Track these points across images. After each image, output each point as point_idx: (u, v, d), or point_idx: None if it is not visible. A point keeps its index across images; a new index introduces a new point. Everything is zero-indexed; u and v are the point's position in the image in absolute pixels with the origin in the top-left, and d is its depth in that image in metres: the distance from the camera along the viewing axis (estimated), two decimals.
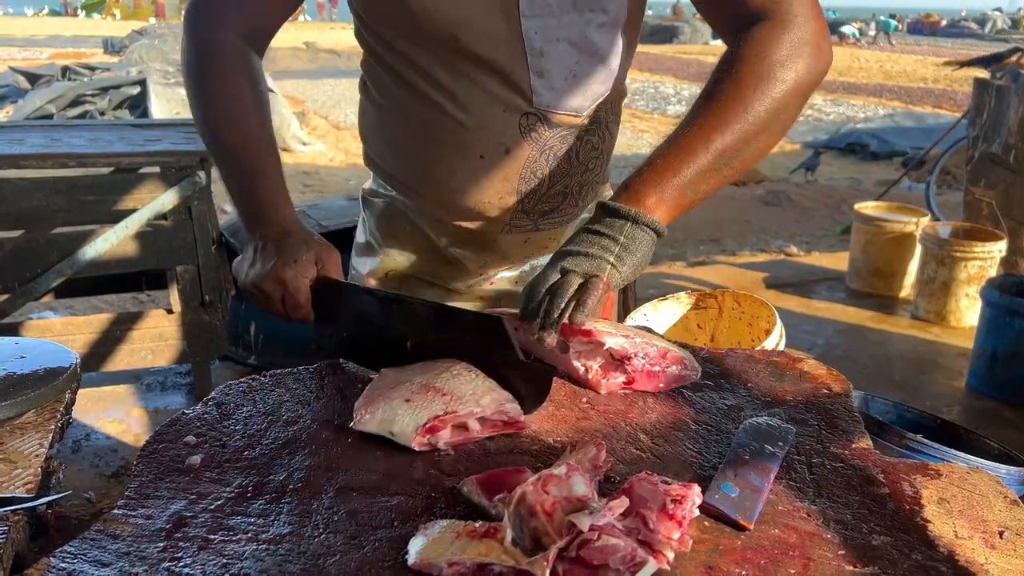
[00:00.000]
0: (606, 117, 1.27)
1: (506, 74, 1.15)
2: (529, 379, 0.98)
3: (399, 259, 1.36)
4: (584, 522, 0.71)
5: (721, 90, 1.05)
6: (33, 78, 11.17)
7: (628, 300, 3.60)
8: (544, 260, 1.34)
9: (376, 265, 1.37)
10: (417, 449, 0.89)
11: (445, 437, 0.91)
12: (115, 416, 3.15)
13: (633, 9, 1.19)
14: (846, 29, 27.82)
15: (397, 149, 1.28)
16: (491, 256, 1.33)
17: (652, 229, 1.02)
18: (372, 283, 1.36)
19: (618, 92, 1.28)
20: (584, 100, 1.21)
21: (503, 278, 1.36)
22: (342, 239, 1.48)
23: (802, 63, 1.05)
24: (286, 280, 1.09)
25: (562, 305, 0.98)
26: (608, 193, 1.41)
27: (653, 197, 1.02)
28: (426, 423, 0.89)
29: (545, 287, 1.01)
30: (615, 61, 1.21)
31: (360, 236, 1.42)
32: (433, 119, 1.20)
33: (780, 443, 0.91)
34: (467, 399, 0.92)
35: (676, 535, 0.74)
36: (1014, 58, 6.53)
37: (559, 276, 1.01)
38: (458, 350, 1.01)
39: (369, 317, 1.09)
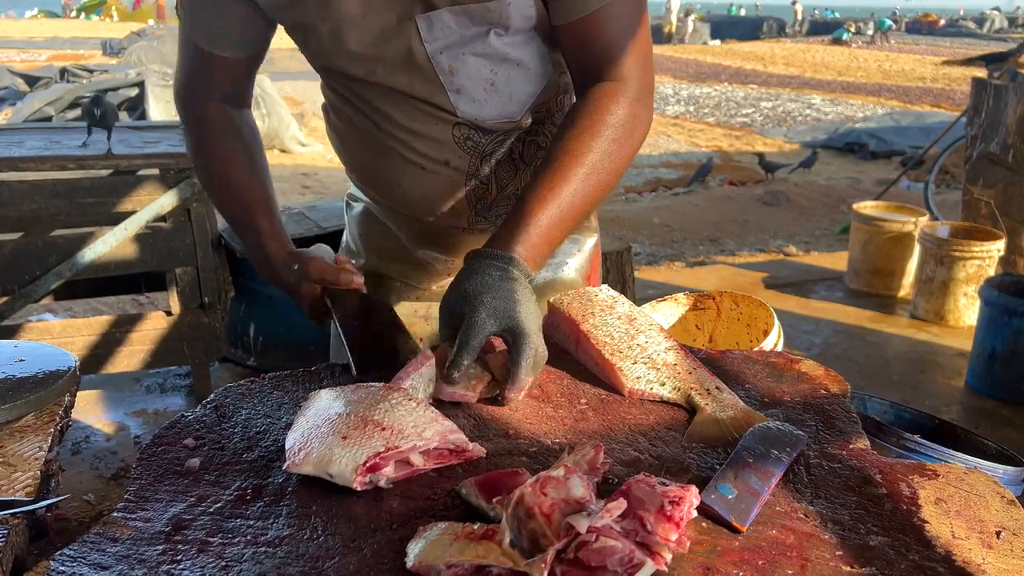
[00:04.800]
0: (550, 116, 1.28)
1: (426, 98, 1.18)
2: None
3: (375, 261, 1.40)
4: (582, 523, 0.71)
5: (567, 145, 1.14)
6: (31, 80, 11.17)
7: None
8: None
9: (358, 266, 1.41)
10: (359, 489, 0.83)
11: (388, 474, 0.85)
12: (115, 418, 3.15)
13: (543, 18, 1.18)
14: (841, 35, 27.89)
15: (355, 165, 1.34)
16: (458, 257, 1.35)
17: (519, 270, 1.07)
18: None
19: (560, 88, 1.28)
20: (514, 106, 1.21)
21: None
22: (340, 240, 1.49)
23: (635, 114, 1.17)
24: (314, 316, 1.21)
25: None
26: None
27: (514, 248, 1.07)
28: (366, 462, 0.82)
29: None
30: (535, 63, 1.21)
31: (344, 238, 1.48)
32: (375, 136, 1.25)
33: (788, 449, 0.91)
34: (408, 432, 0.87)
35: (674, 536, 0.74)
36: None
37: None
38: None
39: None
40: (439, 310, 1.08)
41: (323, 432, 0.87)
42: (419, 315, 1.38)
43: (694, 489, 0.78)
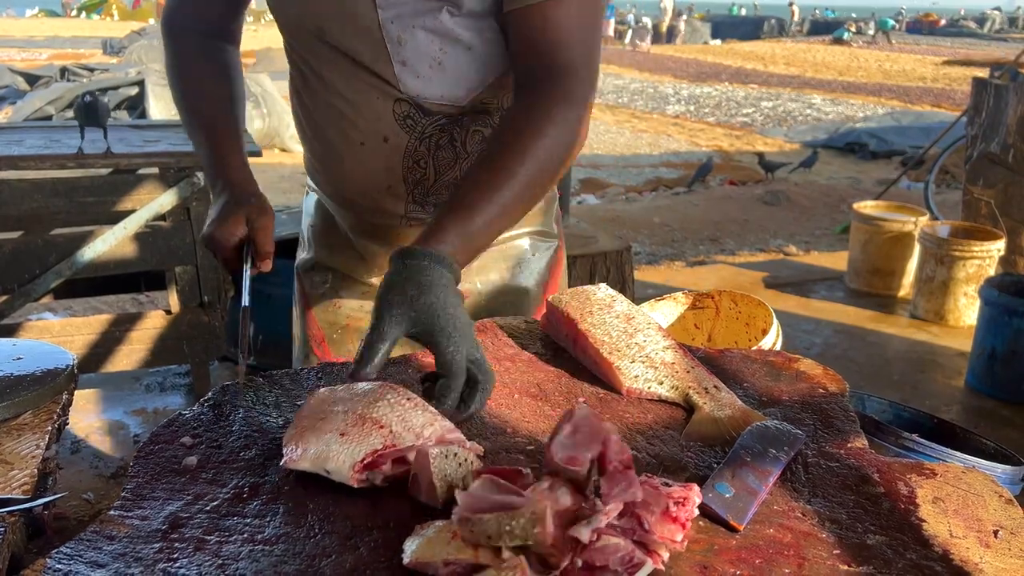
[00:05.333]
0: (498, 109, 1.25)
1: (369, 65, 1.18)
2: None
3: (324, 254, 1.42)
4: (584, 533, 0.70)
5: (511, 143, 1.09)
6: (32, 79, 11.19)
7: None
8: None
9: (306, 257, 1.44)
10: (356, 486, 0.83)
11: (386, 471, 0.84)
12: (114, 417, 3.15)
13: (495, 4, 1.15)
14: (842, 34, 27.83)
15: (304, 138, 1.35)
16: None
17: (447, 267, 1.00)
18: (302, 274, 1.45)
19: (511, 86, 1.25)
20: (459, 90, 1.20)
21: None
22: None
23: (573, 116, 1.12)
24: (215, 238, 1.18)
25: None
26: None
27: (451, 242, 1.01)
28: (364, 459, 0.83)
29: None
30: (486, 50, 1.19)
31: (301, 229, 1.51)
32: (321, 108, 1.25)
33: (786, 448, 0.91)
34: (407, 431, 0.87)
35: (679, 537, 0.74)
36: None
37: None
38: None
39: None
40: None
41: (320, 429, 0.87)
42: (364, 311, 1.38)
43: (696, 488, 0.78)
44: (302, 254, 1.46)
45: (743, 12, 41.30)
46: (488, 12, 1.16)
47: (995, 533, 0.79)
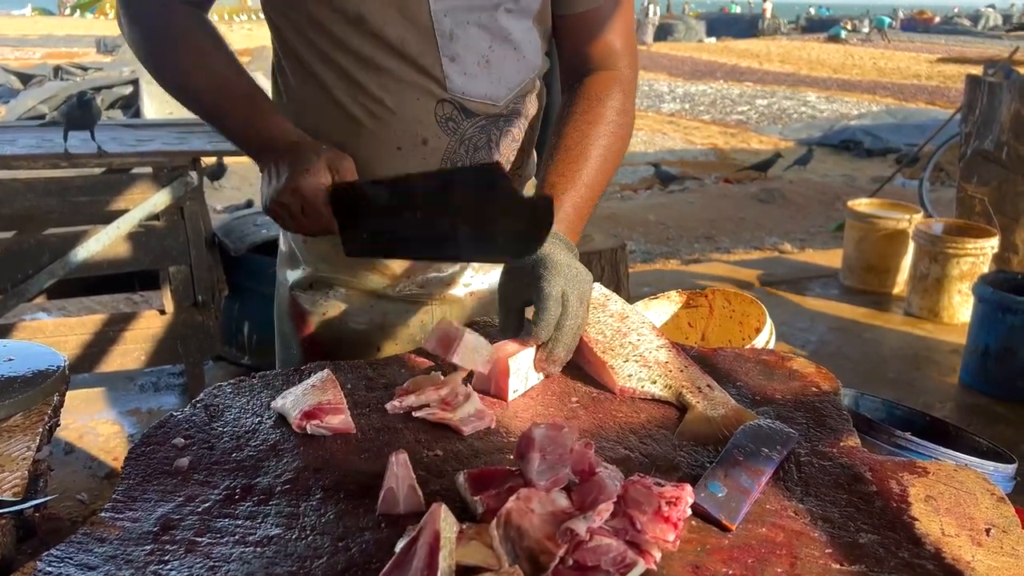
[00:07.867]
0: (527, 110, 1.26)
1: (415, 58, 1.13)
2: (532, 216, 0.96)
3: (324, 268, 1.31)
4: (581, 526, 0.71)
5: (580, 129, 1.20)
6: (25, 78, 11.15)
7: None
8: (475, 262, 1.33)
9: (300, 276, 1.33)
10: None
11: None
12: (108, 417, 3.14)
13: (544, 6, 1.22)
14: (838, 32, 27.82)
15: None
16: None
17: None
18: (298, 293, 1.33)
19: (533, 87, 1.28)
20: (500, 89, 1.20)
21: (433, 280, 1.31)
22: None
23: (628, 105, 1.26)
24: (302, 189, 1.05)
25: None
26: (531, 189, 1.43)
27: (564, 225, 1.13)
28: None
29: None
30: (529, 51, 1.22)
31: (282, 244, 1.38)
32: (346, 111, 1.16)
33: (779, 447, 0.91)
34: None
35: (671, 537, 0.74)
36: None
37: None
38: (462, 210, 1.00)
39: (382, 205, 1.06)
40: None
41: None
42: (375, 323, 1.30)
43: (689, 488, 0.78)
44: (295, 273, 1.34)
45: (738, 10, 41.30)
46: (536, 15, 1.20)
47: (987, 531, 0.79)
